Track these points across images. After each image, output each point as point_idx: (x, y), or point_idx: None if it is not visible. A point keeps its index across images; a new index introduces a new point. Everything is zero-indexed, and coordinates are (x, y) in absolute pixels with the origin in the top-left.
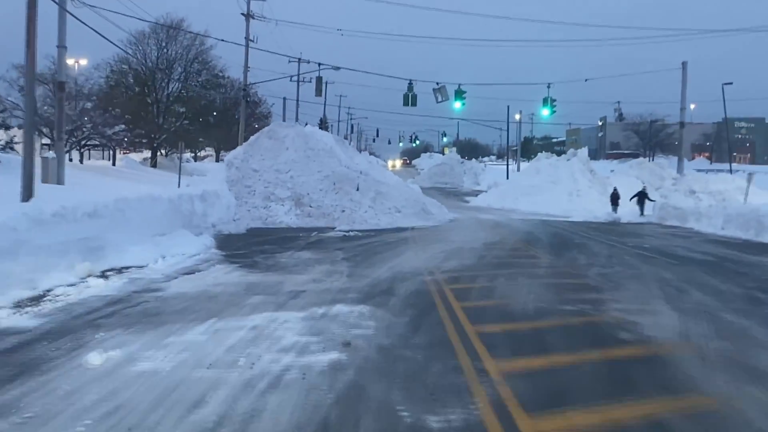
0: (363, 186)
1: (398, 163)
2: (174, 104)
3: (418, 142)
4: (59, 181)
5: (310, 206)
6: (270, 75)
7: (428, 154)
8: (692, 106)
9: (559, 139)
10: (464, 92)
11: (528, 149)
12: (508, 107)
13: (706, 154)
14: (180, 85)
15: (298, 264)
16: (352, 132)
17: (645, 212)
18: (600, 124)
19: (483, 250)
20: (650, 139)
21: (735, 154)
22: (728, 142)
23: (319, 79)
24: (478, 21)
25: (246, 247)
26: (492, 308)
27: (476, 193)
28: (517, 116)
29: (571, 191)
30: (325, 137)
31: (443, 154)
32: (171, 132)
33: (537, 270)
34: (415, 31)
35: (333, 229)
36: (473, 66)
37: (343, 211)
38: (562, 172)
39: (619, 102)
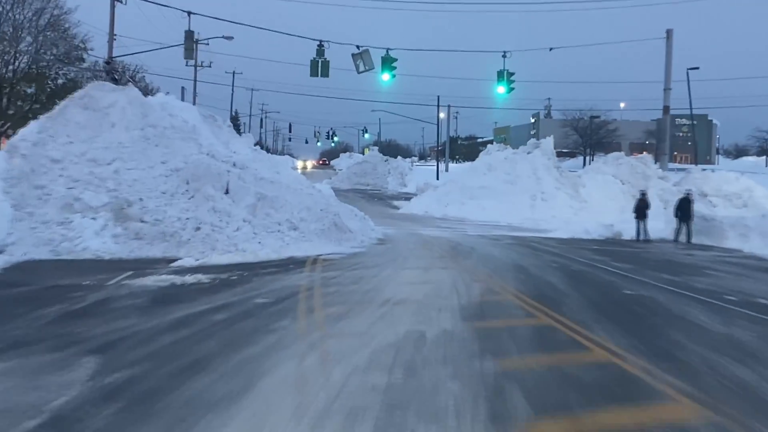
0: (237, 186)
1: (309, 163)
2: (21, 83)
3: (336, 139)
4: None
5: (142, 221)
6: (161, 55)
7: (348, 154)
8: (622, 105)
9: (486, 139)
10: (394, 60)
11: (453, 149)
12: (438, 97)
13: (643, 153)
14: (30, 59)
15: None
16: (261, 127)
17: (690, 233)
18: (533, 121)
19: (476, 344)
20: (590, 136)
21: (675, 153)
22: (677, 139)
23: (189, 35)
24: None
25: None
26: None
27: (406, 197)
28: (442, 115)
29: (534, 194)
30: (185, 111)
31: (364, 154)
32: (18, 119)
33: None
34: None
35: (173, 262)
36: (404, 35)
37: (198, 228)
38: (522, 168)
39: (549, 98)
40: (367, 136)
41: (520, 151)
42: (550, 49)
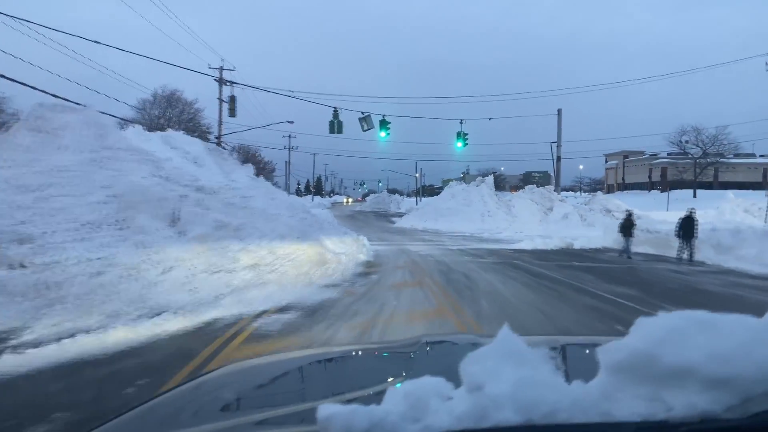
0: (191, 214)
1: (350, 199)
2: None
3: (364, 186)
4: None
5: (21, 265)
6: (272, 140)
7: (374, 194)
8: (502, 168)
9: (438, 186)
10: (388, 123)
11: (430, 191)
12: (416, 162)
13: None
14: None
15: None
16: (327, 180)
17: (693, 252)
18: (462, 175)
19: None
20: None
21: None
22: None
23: (231, 99)
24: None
25: None
26: None
27: (399, 215)
28: (417, 175)
29: (482, 212)
30: (189, 144)
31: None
32: None
33: None
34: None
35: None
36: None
37: (102, 273)
38: (473, 195)
39: (468, 165)
40: (380, 184)
41: (472, 185)
42: (489, 119)
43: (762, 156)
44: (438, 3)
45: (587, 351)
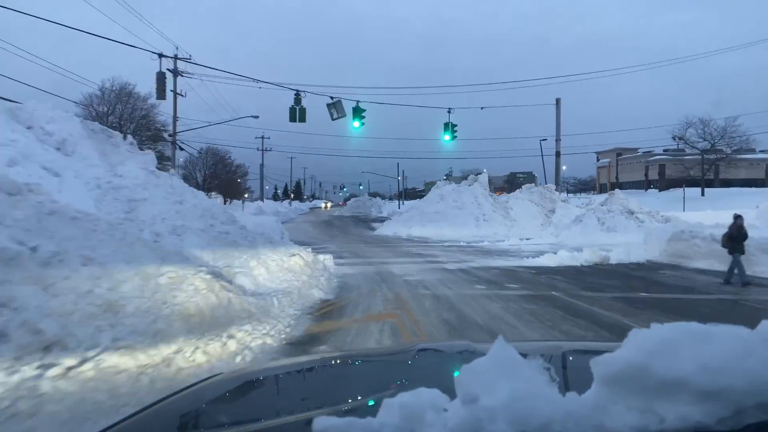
0: None
1: (329, 204)
2: None
3: (345, 189)
4: None
5: None
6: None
7: (355, 198)
8: (484, 170)
9: (420, 189)
10: (363, 111)
11: (412, 195)
12: (398, 164)
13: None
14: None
15: None
16: (305, 184)
17: None
18: (445, 177)
19: None
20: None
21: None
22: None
23: (160, 76)
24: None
25: None
26: None
27: (381, 220)
28: (399, 177)
29: (477, 216)
30: (59, 122)
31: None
32: None
33: None
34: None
35: None
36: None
37: None
38: (466, 197)
39: (451, 167)
40: (361, 187)
41: (463, 185)
42: (482, 108)
43: (762, 151)
44: (422, 6)
45: (583, 359)
